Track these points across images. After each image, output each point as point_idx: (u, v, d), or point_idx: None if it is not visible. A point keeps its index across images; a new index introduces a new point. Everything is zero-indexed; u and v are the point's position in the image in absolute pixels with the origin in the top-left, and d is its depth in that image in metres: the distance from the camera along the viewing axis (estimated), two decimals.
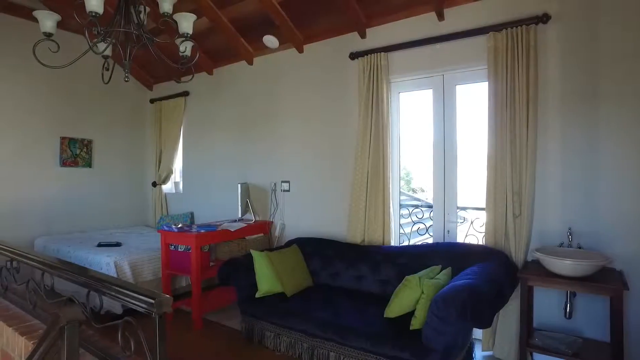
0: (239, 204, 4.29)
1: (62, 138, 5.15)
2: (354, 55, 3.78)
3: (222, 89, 5.05)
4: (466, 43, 3.21)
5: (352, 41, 3.86)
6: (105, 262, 3.79)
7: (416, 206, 3.82)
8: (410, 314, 2.61)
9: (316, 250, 3.69)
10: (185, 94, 5.43)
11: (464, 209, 3.46)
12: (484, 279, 2.42)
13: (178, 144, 5.53)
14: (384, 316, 2.71)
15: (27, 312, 1.94)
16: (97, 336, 1.76)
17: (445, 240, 3.41)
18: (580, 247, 2.71)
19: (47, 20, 2.46)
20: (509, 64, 2.91)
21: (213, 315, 3.88)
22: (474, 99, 3.37)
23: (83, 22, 2.39)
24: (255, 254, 3.31)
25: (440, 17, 3.31)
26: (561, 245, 2.77)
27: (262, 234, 4.34)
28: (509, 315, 2.92)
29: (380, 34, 3.69)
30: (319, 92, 4.13)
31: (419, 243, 3.64)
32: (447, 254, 3.06)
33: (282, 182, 4.41)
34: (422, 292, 2.53)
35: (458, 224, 3.43)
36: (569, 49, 2.81)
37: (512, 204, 2.90)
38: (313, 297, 3.22)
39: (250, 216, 4.46)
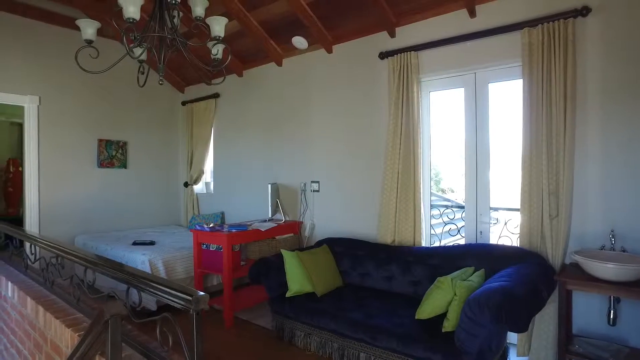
0: (269, 204, 4.34)
1: (100, 140, 5.36)
2: (383, 55, 3.76)
3: (251, 90, 5.12)
4: (499, 40, 3.13)
5: (381, 41, 3.83)
6: (140, 260, 3.92)
7: (447, 206, 3.76)
8: (442, 315, 2.58)
9: (346, 250, 3.69)
10: (216, 96, 5.54)
11: (496, 209, 3.38)
12: (520, 281, 2.35)
13: (209, 145, 5.65)
14: (415, 317, 2.68)
15: (72, 306, 2.03)
16: (135, 331, 1.82)
17: (478, 242, 3.34)
18: (624, 251, 2.59)
19: (89, 28, 2.57)
20: (544, 60, 2.82)
21: (243, 314, 3.94)
22: (507, 97, 3.29)
23: (121, 27, 2.48)
24: (285, 253, 3.34)
25: (472, 13, 3.25)
26: (602, 248, 2.66)
27: (292, 234, 4.38)
28: (546, 320, 2.83)
29: (410, 33, 3.65)
30: (348, 92, 4.12)
31: (451, 244, 3.58)
32: (480, 255, 3.00)
33: (312, 182, 4.43)
34: (455, 294, 2.48)
35: (491, 225, 3.35)
36: (611, 42, 2.69)
37: (548, 205, 2.81)
38: (343, 297, 3.22)
39: (280, 216, 4.50)
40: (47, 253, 2.31)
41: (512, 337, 3.06)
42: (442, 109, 3.71)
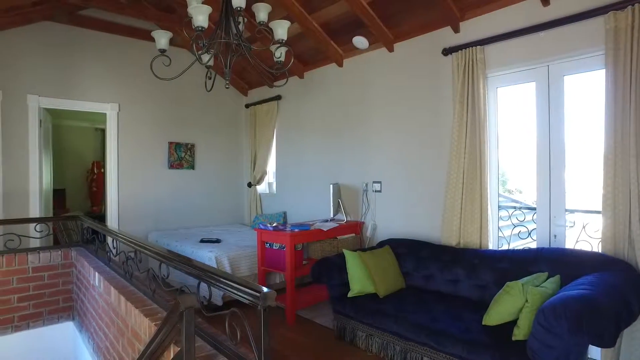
0: (331, 204, 4.37)
1: (170, 143, 5.72)
2: (447, 51, 3.64)
3: (312, 91, 5.19)
4: (577, 28, 2.89)
5: (444, 36, 3.71)
6: (207, 257, 4.11)
7: (515, 208, 3.55)
8: (512, 323, 2.44)
9: (409, 251, 3.62)
10: (278, 98, 5.67)
11: (573, 211, 3.13)
12: (603, 290, 2.16)
13: (271, 146, 5.80)
14: (482, 323, 2.57)
15: (148, 297, 2.18)
16: (205, 323, 1.91)
17: (552, 246, 3.12)
18: None
19: (162, 38, 2.75)
20: (634, 45, 2.55)
21: (305, 312, 4.00)
22: (585, 90, 3.04)
23: (191, 36, 2.62)
24: (347, 253, 3.34)
25: (545, 1, 3.03)
26: None
27: (353, 234, 4.38)
28: (637, 337, 2.55)
29: (475, 27, 3.50)
30: (410, 90, 4.04)
31: (521, 247, 3.37)
32: (555, 260, 2.79)
33: (374, 182, 4.39)
34: (526, 301, 2.34)
35: (567, 228, 3.11)
36: None
37: (637, 207, 2.55)
38: (406, 299, 3.16)
39: (342, 216, 4.52)
40: (126, 247, 2.50)
41: (595, 352, 2.80)
42: (510, 105, 3.51)
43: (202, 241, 4.73)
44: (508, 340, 2.35)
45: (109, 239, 2.99)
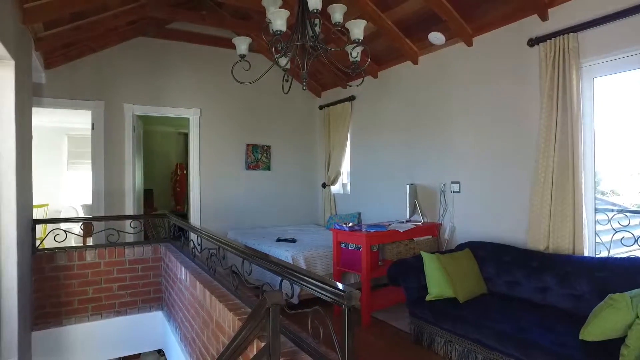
0: (407, 205, 4.27)
1: (247, 145, 5.97)
2: (533, 42, 3.38)
3: (387, 91, 5.11)
4: None
5: (530, 26, 3.45)
6: (284, 256, 4.21)
7: (614, 210, 3.19)
8: (616, 340, 2.18)
9: (491, 255, 3.41)
10: (352, 98, 5.65)
11: None
12: None
13: (345, 146, 5.81)
14: (580, 338, 2.33)
15: (231, 293, 2.28)
16: (285, 320, 1.95)
17: None
18: None
19: (242, 44, 2.87)
20: None
21: (379, 314, 3.94)
22: None
23: (268, 40, 2.70)
24: (425, 255, 3.23)
25: None
26: None
27: (430, 236, 4.23)
28: None
29: (566, 12, 3.20)
30: (491, 86, 3.81)
31: (625, 255, 3.02)
32: None
33: (452, 182, 4.21)
34: (637, 317, 2.08)
35: None
36: None
37: None
38: (489, 305, 2.98)
39: (418, 217, 4.39)
40: (209, 244, 2.63)
41: None
42: (608, 96, 3.16)
43: (278, 240, 4.86)
44: None
45: (193, 236, 3.17)
